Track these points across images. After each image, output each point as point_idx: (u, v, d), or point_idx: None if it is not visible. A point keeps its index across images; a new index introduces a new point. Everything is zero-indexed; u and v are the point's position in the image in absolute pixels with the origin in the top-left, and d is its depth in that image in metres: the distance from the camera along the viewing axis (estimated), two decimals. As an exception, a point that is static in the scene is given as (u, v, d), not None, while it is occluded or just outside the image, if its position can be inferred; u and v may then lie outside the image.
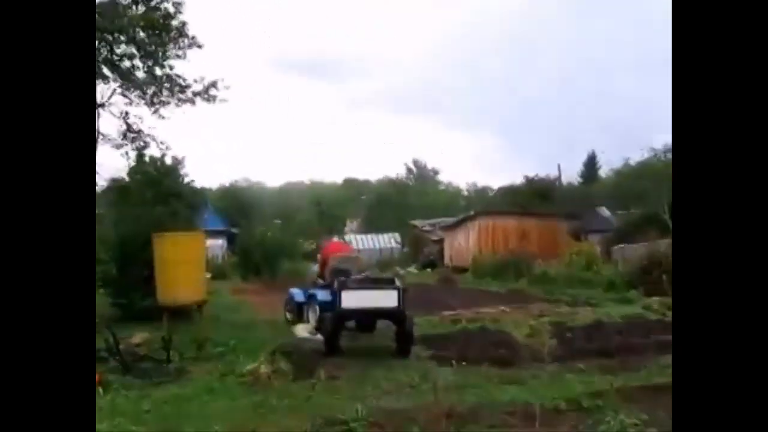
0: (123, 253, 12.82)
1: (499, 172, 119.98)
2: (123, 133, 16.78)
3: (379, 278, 12.03)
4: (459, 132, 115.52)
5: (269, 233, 35.65)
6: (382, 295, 9.85)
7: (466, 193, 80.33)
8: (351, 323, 10.61)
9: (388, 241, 46.22)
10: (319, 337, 10.98)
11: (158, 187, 23.80)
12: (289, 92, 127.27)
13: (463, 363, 9.04)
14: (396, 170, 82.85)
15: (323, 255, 12.66)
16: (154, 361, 8.86)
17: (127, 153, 16.92)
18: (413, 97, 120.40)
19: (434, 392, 7.04)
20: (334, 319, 9.71)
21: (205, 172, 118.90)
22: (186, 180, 26.62)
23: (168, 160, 27.03)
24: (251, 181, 79.76)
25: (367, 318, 10.47)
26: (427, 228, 43.22)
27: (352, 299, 9.56)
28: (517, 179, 47.90)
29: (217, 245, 42.95)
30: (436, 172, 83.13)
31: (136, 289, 11.85)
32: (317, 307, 11.31)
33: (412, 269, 36.35)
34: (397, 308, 9.63)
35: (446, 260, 37.47)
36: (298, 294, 12.67)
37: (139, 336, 10.43)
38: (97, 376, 7.49)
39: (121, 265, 12.83)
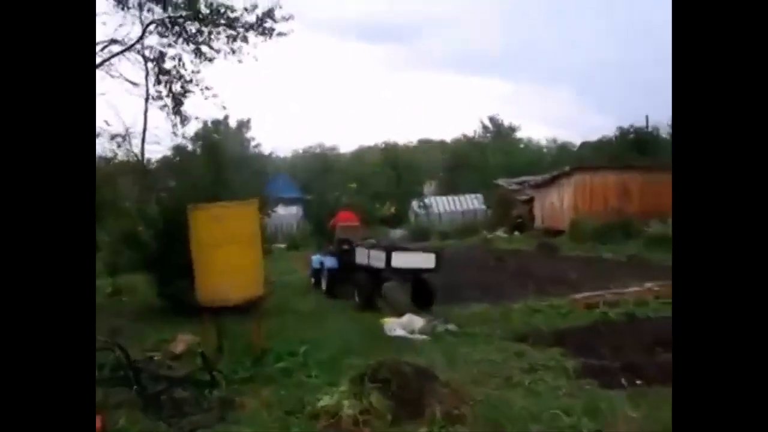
0: (166, 232, 10.26)
1: (578, 127, 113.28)
2: (156, 78, 13.87)
3: (394, 246, 12.65)
4: (534, 87, 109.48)
5: (344, 198, 33.20)
6: (426, 257, 11.20)
7: (545, 150, 75.98)
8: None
9: (470, 202, 43.00)
10: (420, 336, 8.31)
11: (221, 153, 21.54)
12: (357, 54, 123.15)
13: (637, 381, 6.17)
14: (472, 129, 78.75)
15: (332, 224, 14.34)
16: (194, 385, 6.25)
17: (167, 106, 14.05)
18: (483, 54, 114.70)
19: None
20: (375, 276, 11.23)
21: (278, 139, 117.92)
22: (252, 144, 24.43)
23: (232, 124, 24.81)
24: (325, 147, 77.75)
25: (406, 276, 11.19)
26: (514, 187, 39.67)
27: (400, 259, 10.84)
28: (599, 133, 43.53)
29: (291, 214, 41.03)
30: (513, 129, 78.92)
31: (182, 276, 9.22)
32: (327, 273, 13.13)
33: (501, 233, 33.18)
34: (435, 269, 11.04)
35: (537, 222, 34.10)
36: (315, 260, 14.26)
37: (182, 341, 7.90)
38: (98, 420, 4.95)
39: (163, 247, 10.30)
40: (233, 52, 13.52)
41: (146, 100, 14.42)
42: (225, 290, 6.71)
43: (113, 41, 13.21)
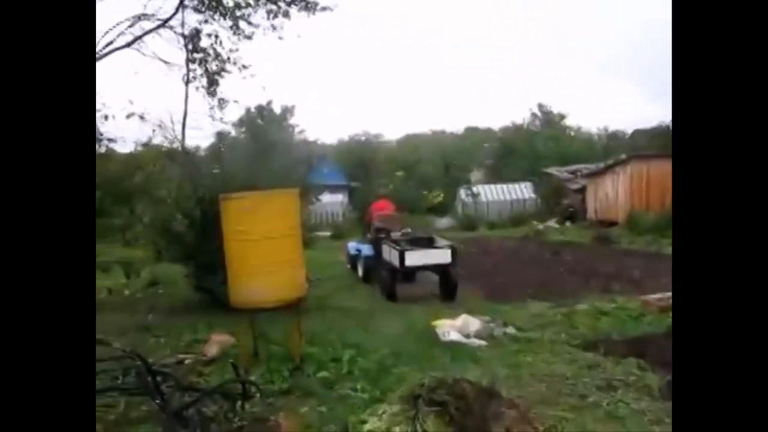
0: (202, 222, 9.60)
1: (628, 116, 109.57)
2: (189, 57, 12.94)
3: (420, 237, 12.69)
4: (583, 75, 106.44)
5: (391, 186, 32.46)
6: (441, 253, 11.26)
7: (597, 138, 73.89)
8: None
9: (520, 191, 41.71)
10: (476, 341, 7.52)
11: (264, 139, 20.93)
12: (401, 40, 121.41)
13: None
14: (520, 116, 76.96)
15: (369, 214, 14.68)
16: (225, 397, 5.56)
17: (203, 87, 13.18)
18: (532, 41, 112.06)
19: None
20: (394, 273, 11.39)
21: (323, 127, 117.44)
22: (297, 130, 23.80)
23: (276, 110, 24.21)
24: (370, 134, 77.00)
25: (426, 270, 11.66)
26: (566, 176, 38.30)
27: (414, 257, 11.02)
28: (650, 123, 41.62)
29: (336, 201, 40.42)
30: (562, 117, 76.92)
31: (219, 270, 8.53)
32: (363, 261, 13.35)
33: (552, 223, 32.02)
34: (451, 264, 11.13)
35: (589, 213, 32.82)
36: (352, 247, 14.73)
37: (216, 343, 7.23)
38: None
39: (199, 238, 9.65)
40: (273, 28, 12.63)
41: (186, 82, 13.67)
42: (260, 291, 5.99)
43: (143, 16, 12.48)
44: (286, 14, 12.52)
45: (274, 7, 12.31)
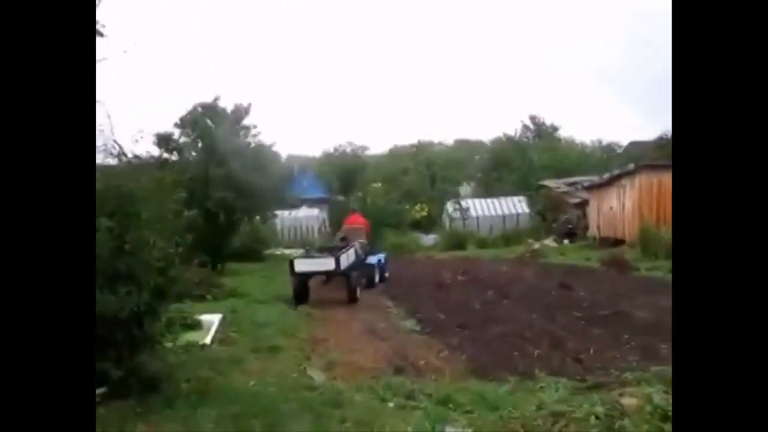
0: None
1: (620, 128, 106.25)
2: None
3: (337, 247, 14.67)
4: (575, 86, 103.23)
5: (368, 199, 28.79)
6: (325, 261, 13.29)
7: (589, 150, 70.82)
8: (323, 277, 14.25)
9: (513, 205, 38.14)
10: None
11: (211, 142, 17.63)
12: (389, 48, 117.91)
13: None
14: (511, 128, 73.76)
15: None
16: None
17: None
18: (519, 50, 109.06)
19: None
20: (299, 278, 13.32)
21: (307, 139, 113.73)
22: (252, 133, 19.97)
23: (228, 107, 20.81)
24: (356, 146, 73.50)
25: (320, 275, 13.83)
26: (564, 189, 34.79)
27: (302, 265, 13.25)
28: (643, 135, 38.39)
29: (312, 216, 36.84)
30: (555, 129, 73.84)
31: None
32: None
33: (550, 242, 28.44)
34: (335, 270, 13.11)
35: (591, 229, 29.32)
36: None
37: None
38: None
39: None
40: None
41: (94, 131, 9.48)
42: None
43: None
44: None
45: None
